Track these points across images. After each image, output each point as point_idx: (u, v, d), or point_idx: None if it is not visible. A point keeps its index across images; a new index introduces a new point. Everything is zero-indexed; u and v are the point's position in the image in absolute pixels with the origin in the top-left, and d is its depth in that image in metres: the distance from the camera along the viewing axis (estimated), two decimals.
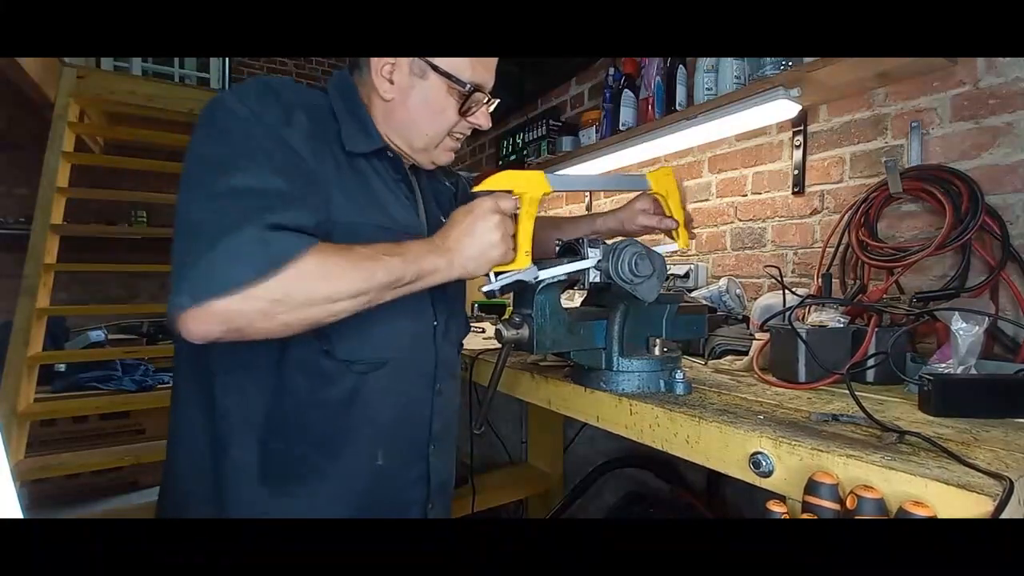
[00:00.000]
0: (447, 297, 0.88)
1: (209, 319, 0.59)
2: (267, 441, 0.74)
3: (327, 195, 0.73)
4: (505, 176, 0.79)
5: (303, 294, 0.62)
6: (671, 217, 0.97)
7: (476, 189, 0.78)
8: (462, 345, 0.99)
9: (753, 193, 1.65)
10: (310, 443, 0.75)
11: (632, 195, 1.07)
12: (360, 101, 0.82)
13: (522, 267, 0.80)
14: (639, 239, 0.90)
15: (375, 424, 0.78)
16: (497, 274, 0.79)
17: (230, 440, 0.74)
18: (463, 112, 0.82)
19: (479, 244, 0.73)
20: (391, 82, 0.79)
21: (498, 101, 0.87)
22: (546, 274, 0.83)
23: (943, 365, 0.83)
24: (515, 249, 0.78)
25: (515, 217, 0.79)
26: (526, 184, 0.79)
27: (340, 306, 0.65)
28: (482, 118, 0.85)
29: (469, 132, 0.87)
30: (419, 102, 0.80)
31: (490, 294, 0.81)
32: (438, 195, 0.96)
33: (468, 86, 0.79)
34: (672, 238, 1.00)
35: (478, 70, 0.80)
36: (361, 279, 0.65)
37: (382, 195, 0.81)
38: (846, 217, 1.30)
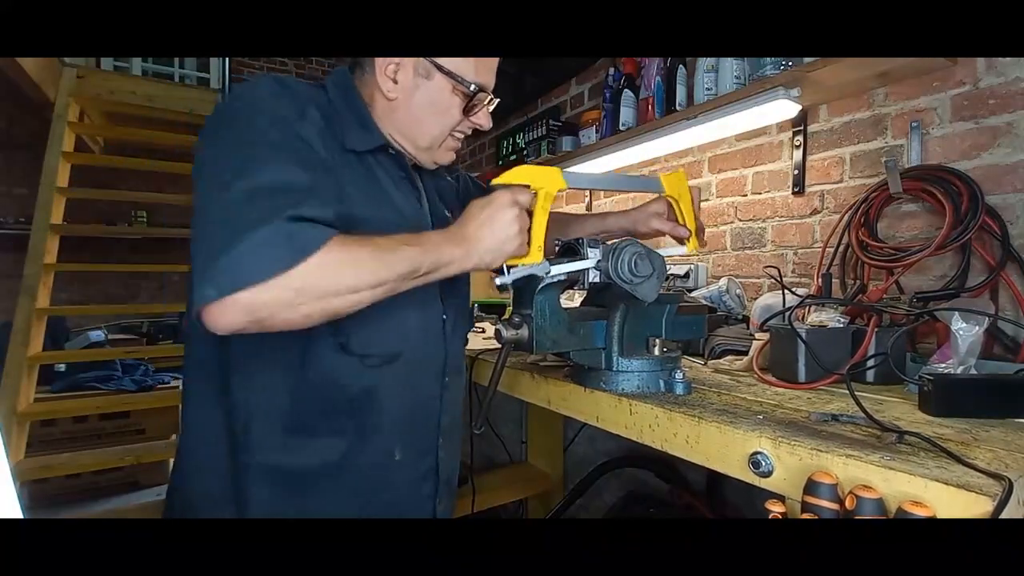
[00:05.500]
0: (455, 291, 0.89)
1: (234, 311, 0.59)
2: (286, 438, 0.75)
3: (340, 189, 0.73)
4: (523, 171, 0.80)
5: (326, 284, 0.62)
6: (684, 225, 0.98)
7: (495, 182, 0.79)
8: (467, 340, 0.99)
9: (753, 193, 1.65)
10: (328, 439, 0.76)
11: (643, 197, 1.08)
12: (359, 99, 0.83)
13: (535, 262, 0.80)
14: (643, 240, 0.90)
15: (391, 418, 0.80)
16: (510, 268, 0.80)
17: (247, 438, 0.74)
18: (466, 112, 0.83)
19: (497, 236, 0.74)
20: (395, 82, 0.80)
21: (499, 100, 0.88)
22: (557, 270, 0.83)
23: (943, 365, 0.83)
24: (529, 243, 0.79)
25: (530, 212, 0.80)
26: (543, 179, 0.80)
27: (361, 296, 0.65)
28: (484, 118, 0.87)
29: (470, 131, 0.88)
30: (424, 102, 0.81)
31: (502, 287, 0.81)
32: (441, 191, 0.97)
33: (472, 86, 0.81)
34: (682, 242, 1.00)
35: (481, 71, 0.82)
36: (382, 268, 0.66)
37: (390, 190, 0.82)
38: (846, 217, 1.30)
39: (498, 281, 0.80)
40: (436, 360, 0.86)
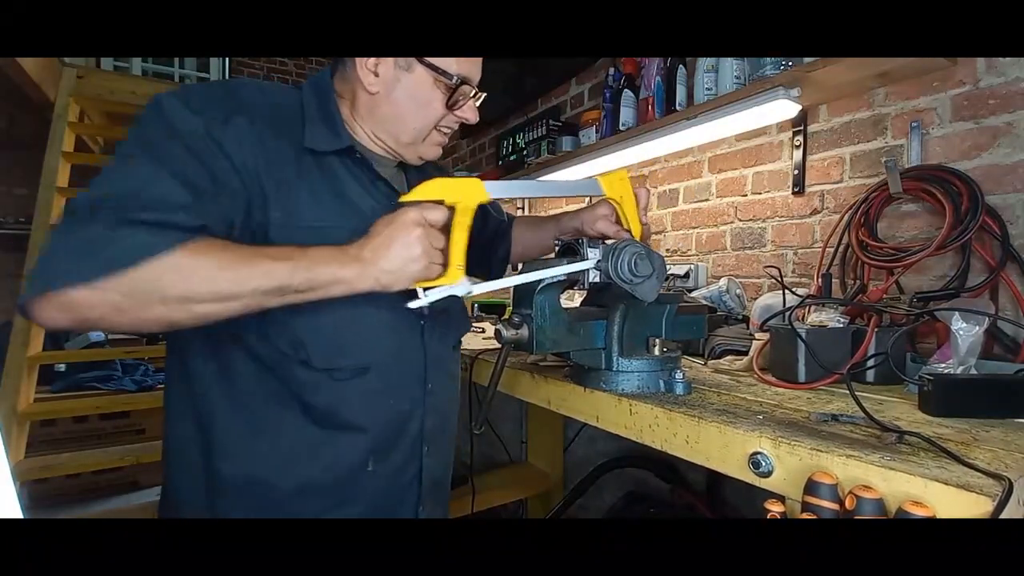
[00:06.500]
0: None
1: (52, 308, 0.58)
2: (251, 453, 0.73)
3: (287, 198, 0.71)
4: (436, 185, 0.74)
5: (156, 292, 0.59)
6: (627, 229, 0.92)
7: (403, 199, 0.73)
8: (460, 343, 0.98)
9: (753, 193, 1.65)
10: (296, 454, 0.74)
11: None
12: (333, 99, 0.81)
13: (453, 282, 0.74)
14: None
15: (364, 431, 0.77)
16: (427, 289, 0.74)
17: (214, 452, 0.73)
18: (450, 105, 0.81)
19: (397, 258, 0.69)
20: (376, 75, 0.78)
21: (485, 95, 0.85)
22: (480, 289, 0.78)
23: (943, 365, 0.83)
24: (445, 263, 0.74)
25: (448, 228, 0.75)
26: (459, 193, 0.75)
27: (204, 308, 0.62)
28: (469, 112, 0.84)
29: (456, 126, 0.86)
30: (405, 95, 0.79)
31: (418, 311, 0.74)
32: None
33: (455, 79, 0.78)
34: None
35: (464, 63, 0.79)
36: (230, 282, 0.62)
37: (356, 196, 0.79)
38: (846, 217, 1.30)
39: (411, 305, 0.73)
40: (415, 366, 0.83)
